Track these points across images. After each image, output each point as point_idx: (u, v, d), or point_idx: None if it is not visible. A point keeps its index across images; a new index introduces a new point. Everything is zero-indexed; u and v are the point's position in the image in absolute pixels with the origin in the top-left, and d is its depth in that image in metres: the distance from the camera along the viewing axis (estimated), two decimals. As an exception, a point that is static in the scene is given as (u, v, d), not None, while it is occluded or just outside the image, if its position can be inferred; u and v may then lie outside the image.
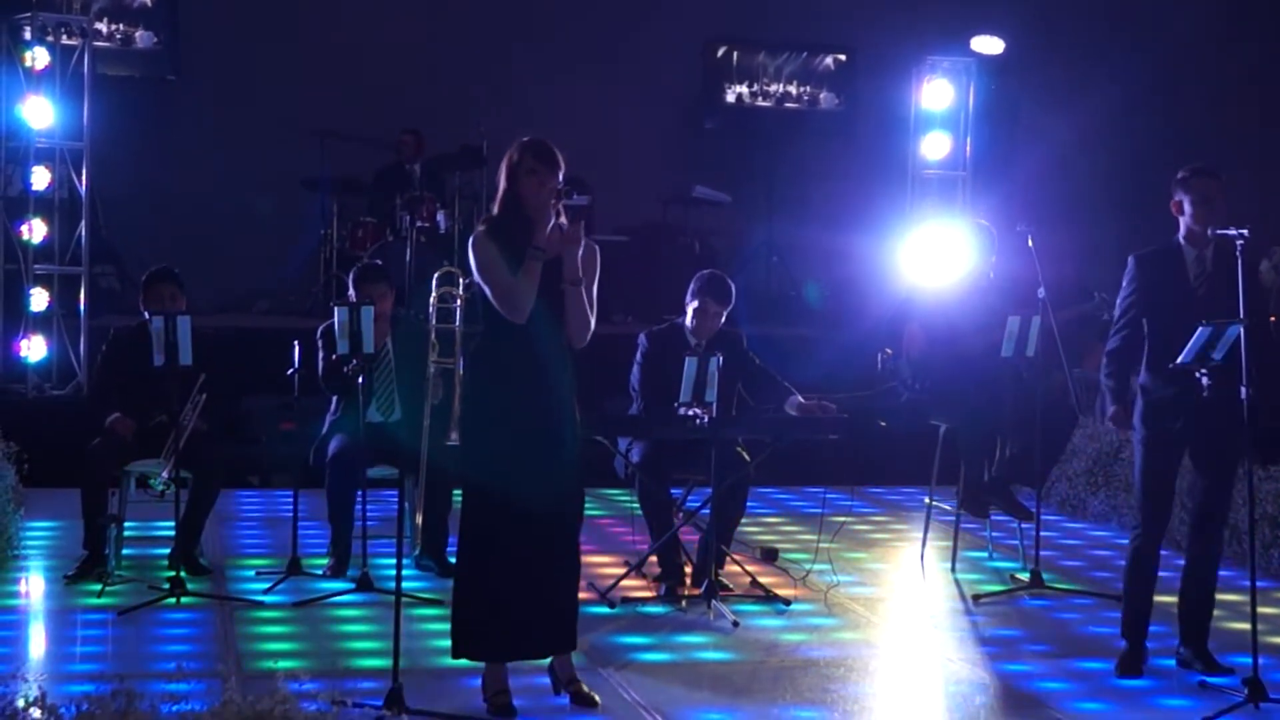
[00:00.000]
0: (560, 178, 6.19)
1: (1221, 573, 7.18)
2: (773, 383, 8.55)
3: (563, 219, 6.27)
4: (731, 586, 8.31)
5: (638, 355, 8.65)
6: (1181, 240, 6.91)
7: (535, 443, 6.17)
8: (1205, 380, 6.56)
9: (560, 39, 15.20)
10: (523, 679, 6.39)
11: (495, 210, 6.28)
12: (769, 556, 9.12)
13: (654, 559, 8.38)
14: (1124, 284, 7.02)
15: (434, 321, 8.41)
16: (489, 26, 15.11)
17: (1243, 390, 6.46)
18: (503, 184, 6.25)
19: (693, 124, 15.90)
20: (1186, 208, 6.86)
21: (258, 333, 12.07)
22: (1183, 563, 7.09)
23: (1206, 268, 6.87)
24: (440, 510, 8.70)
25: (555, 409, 6.22)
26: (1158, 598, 7.10)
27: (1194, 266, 6.88)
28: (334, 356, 8.24)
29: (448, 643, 6.31)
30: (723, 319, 8.54)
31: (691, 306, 8.50)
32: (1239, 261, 6.55)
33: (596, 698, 6.34)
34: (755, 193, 15.53)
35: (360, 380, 7.99)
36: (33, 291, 11.76)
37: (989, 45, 14.06)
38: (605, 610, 7.92)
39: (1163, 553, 7.06)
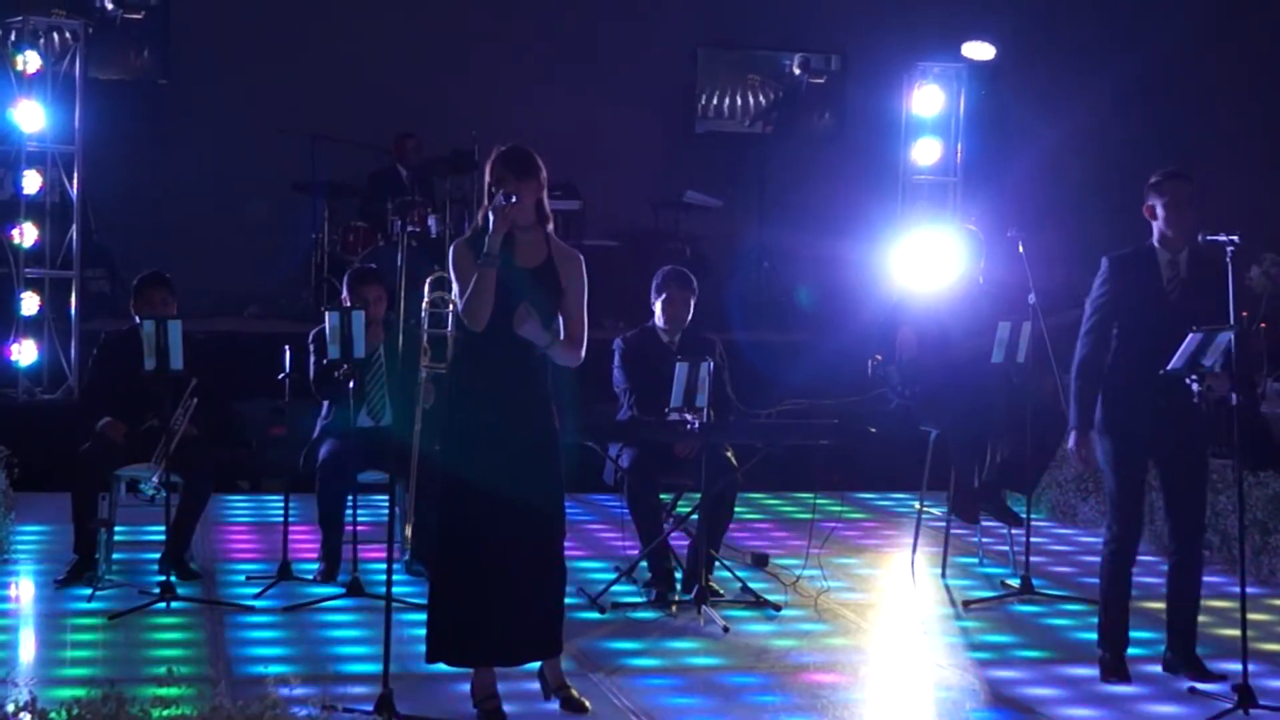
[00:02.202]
0: (537, 184, 6.18)
1: (1212, 579, 7.20)
2: (728, 405, 8.52)
3: (584, 272, 6.27)
4: (722, 592, 8.31)
5: (616, 359, 8.67)
6: (1155, 244, 6.93)
7: (502, 449, 6.17)
8: (1196, 387, 6.57)
9: (551, 43, 15.21)
10: (513, 684, 6.39)
11: (478, 220, 6.29)
12: (759, 562, 9.12)
13: (645, 564, 8.38)
14: (1096, 284, 6.98)
15: (426, 326, 8.42)
16: (479, 31, 15.12)
17: (1233, 397, 6.49)
18: (484, 198, 6.26)
19: (684, 128, 15.92)
20: (1159, 211, 6.88)
21: (248, 337, 12.07)
22: (1167, 568, 7.09)
23: (1180, 272, 6.88)
24: (430, 515, 8.68)
25: (523, 415, 6.21)
26: (1147, 604, 7.11)
27: (1167, 270, 6.89)
28: (325, 361, 8.23)
29: (430, 647, 6.31)
30: (690, 309, 8.55)
31: (659, 302, 8.54)
32: (1229, 267, 6.57)
33: (586, 703, 6.34)
34: (746, 198, 15.53)
35: (351, 385, 7.99)
36: (23, 295, 11.75)
37: (980, 51, 14.08)
38: (595, 616, 7.92)
39: (1150, 559, 7.06)
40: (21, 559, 9.11)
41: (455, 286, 6.22)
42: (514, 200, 6.10)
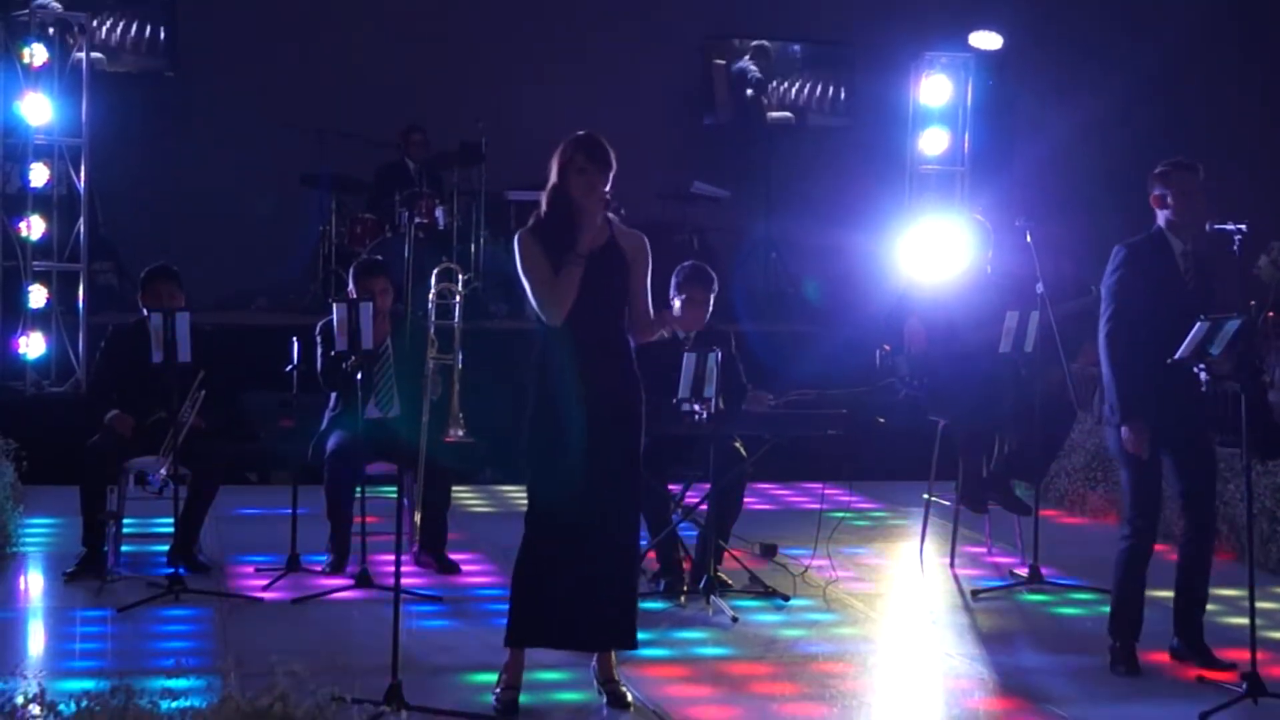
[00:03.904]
0: (609, 178, 6.15)
1: (1220, 567, 7.18)
2: (741, 392, 8.52)
3: (649, 254, 6.28)
4: (730, 582, 8.31)
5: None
6: (1166, 231, 6.93)
7: (592, 436, 6.13)
8: (1204, 375, 6.56)
9: (559, 34, 15.20)
10: (526, 674, 6.37)
11: (543, 206, 6.22)
12: (768, 552, 9.12)
13: (652, 555, 8.38)
14: (1110, 271, 6.96)
15: (433, 318, 8.42)
16: (487, 22, 15.12)
17: (1240, 385, 6.49)
18: (552, 178, 6.19)
19: (691, 119, 15.91)
20: (1169, 201, 6.89)
21: (256, 329, 12.07)
22: (1175, 558, 7.08)
23: (1190, 262, 6.89)
24: (439, 506, 8.71)
25: (602, 407, 6.16)
26: (1154, 593, 7.11)
27: (1182, 260, 6.90)
28: (333, 353, 8.23)
29: (446, 639, 6.31)
30: (710, 308, 8.52)
31: (678, 300, 8.48)
32: (1237, 255, 6.57)
33: (630, 699, 6.31)
34: (754, 188, 15.53)
35: (359, 377, 7.99)
36: (31, 288, 11.77)
37: (987, 41, 14.07)
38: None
39: (1157, 548, 7.05)
40: (30, 552, 9.12)
41: (523, 278, 6.16)
42: (623, 211, 6.10)
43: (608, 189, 6.15)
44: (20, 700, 4.85)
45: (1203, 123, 15.70)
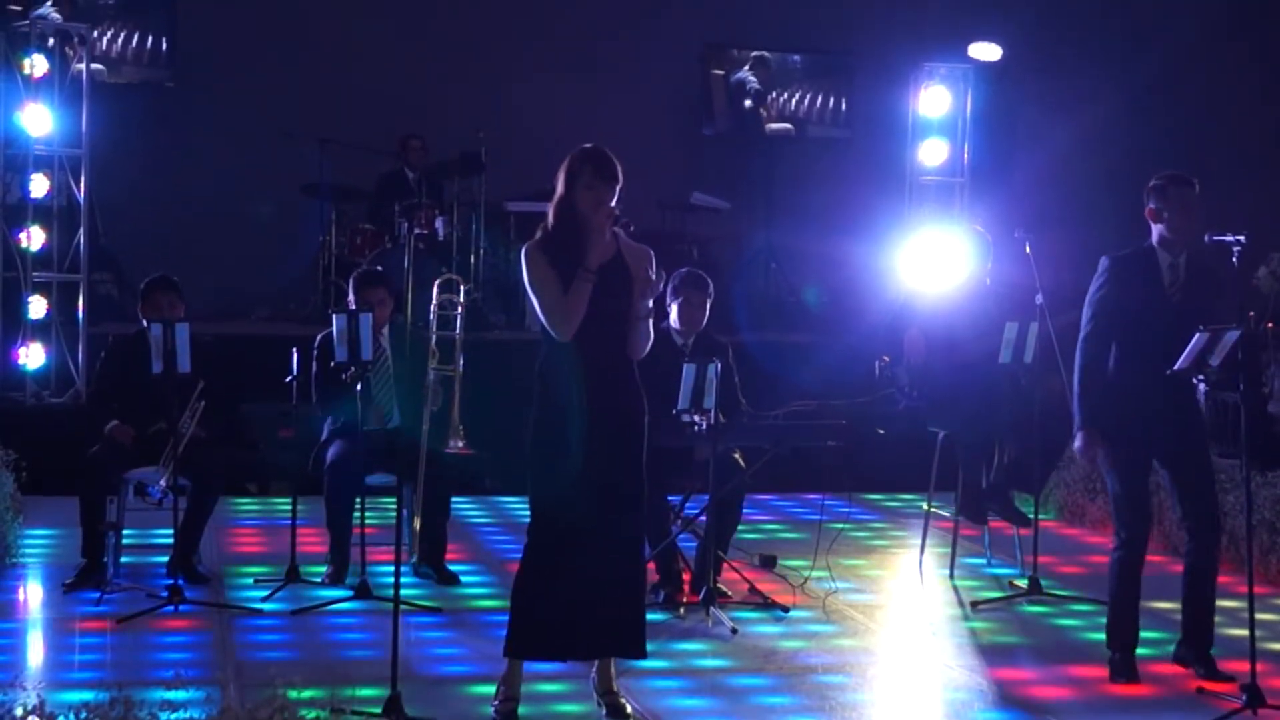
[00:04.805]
0: (616, 192, 6.11)
1: (1220, 578, 7.18)
2: (737, 407, 8.51)
3: (654, 268, 6.22)
4: (730, 593, 8.31)
5: (630, 360, 8.64)
6: (1156, 246, 6.93)
7: (595, 447, 6.11)
8: (1203, 386, 6.57)
9: (559, 45, 15.20)
10: (525, 685, 6.37)
11: (550, 219, 6.18)
12: (767, 563, 9.12)
13: (651, 566, 8.38)
14: (1095, 283, 6.98)
15: (434, 328, 8.42)
16: (487, 32, 15.11)
17: (1239, 396, 6.50)
18: (560, 190, 6.15)
19: (690, 130, 15.91)
20: (1165, 216, 6.88)
21: (256, 340, 12.05)
22: (1183, 568, 7.07)
23: (1180, 275, 6.89)
24: (438, 517, 8.71)
25: (606, 419, 6.15)
26: (1155, 603, 7.10)
27: (1169, 273, 6.90)
28: (332, 364, 8.19)
29: (446, 650, 6.32)
30: (706, 312, 8.51)
31: (675, 305, 8.47)
32: (1235, 265, 6.59)
33: (629, 710, 6.31)
34: (753, 199, 15.53)
35: (358, 388, 7.99)
36: (31, 299, 11.75)
37: (987, 52, 14.08)
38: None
39: (1157, 559, 7.05)
40: (30, 562, 9.11)
41: (531, 292, 6.13)
42: (633, 227, 6.06)
43: (615, 203, 6.13)
44: (19, 712, 4.85)
45: (1203, 132, 15.70)
